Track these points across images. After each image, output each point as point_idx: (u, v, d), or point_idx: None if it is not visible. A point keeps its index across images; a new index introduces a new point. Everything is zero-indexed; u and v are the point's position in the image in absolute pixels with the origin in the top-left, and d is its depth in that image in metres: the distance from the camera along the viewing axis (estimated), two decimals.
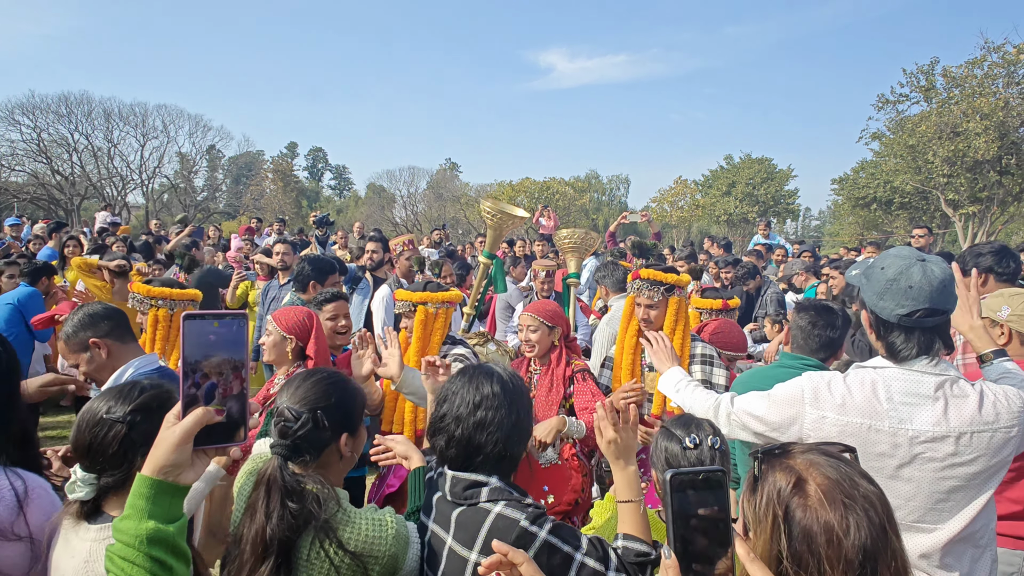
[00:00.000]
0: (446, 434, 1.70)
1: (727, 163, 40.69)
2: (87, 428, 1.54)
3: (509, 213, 4.19)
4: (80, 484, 1.51)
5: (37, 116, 32.26)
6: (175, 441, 1.00)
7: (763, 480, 1.10)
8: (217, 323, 1.05)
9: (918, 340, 1.78)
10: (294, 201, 43.67)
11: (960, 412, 1.74)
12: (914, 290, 1.75)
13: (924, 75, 20.91)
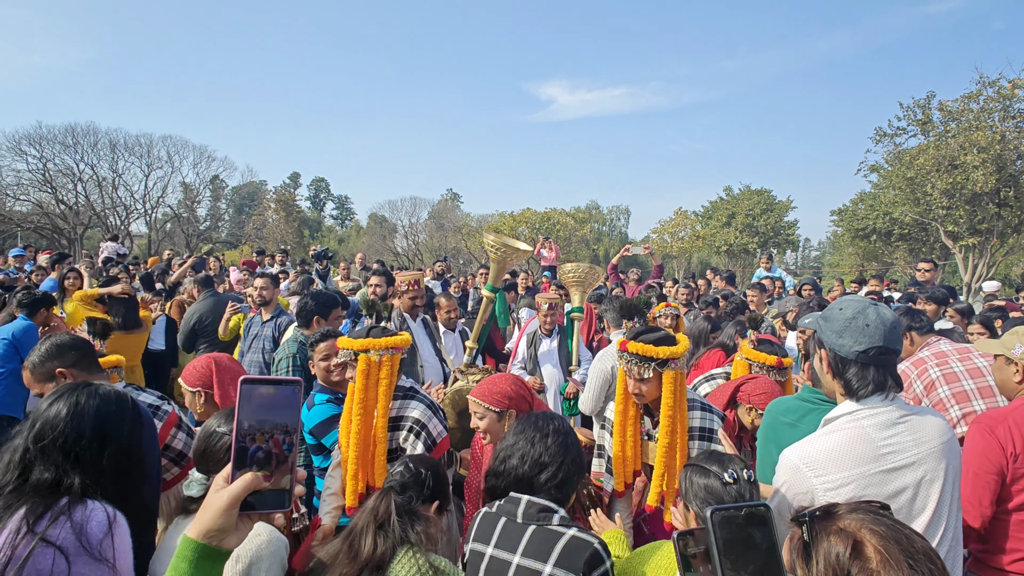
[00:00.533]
0: (519, 453, 2.00)
1: (727, 194, 40.99)
2: (203, 439, 1.93)
3: (512, 247, 4.18)
4: (195, 483, 1.86)
5: (44, 146, 32.66)
6: (222, 506, 0.99)
7: (816, 545, 1.07)
8: (273, 389, 1.05)
9: (873, 376, 1.89)
10: (296, 231, 43.86)
11: (925, 425, 1.89)
12: (870, 328, 1.88)
13: (920, 109, 21.14)
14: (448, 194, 54.33)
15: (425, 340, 4.88)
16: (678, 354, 2.78)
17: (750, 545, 0.88)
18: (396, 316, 4.90)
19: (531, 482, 1.97)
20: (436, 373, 4.70)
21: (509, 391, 2.86)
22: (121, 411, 1.86)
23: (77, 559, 1.56)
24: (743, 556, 0.87)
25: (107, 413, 1.80)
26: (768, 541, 0.89)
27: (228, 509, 0.99)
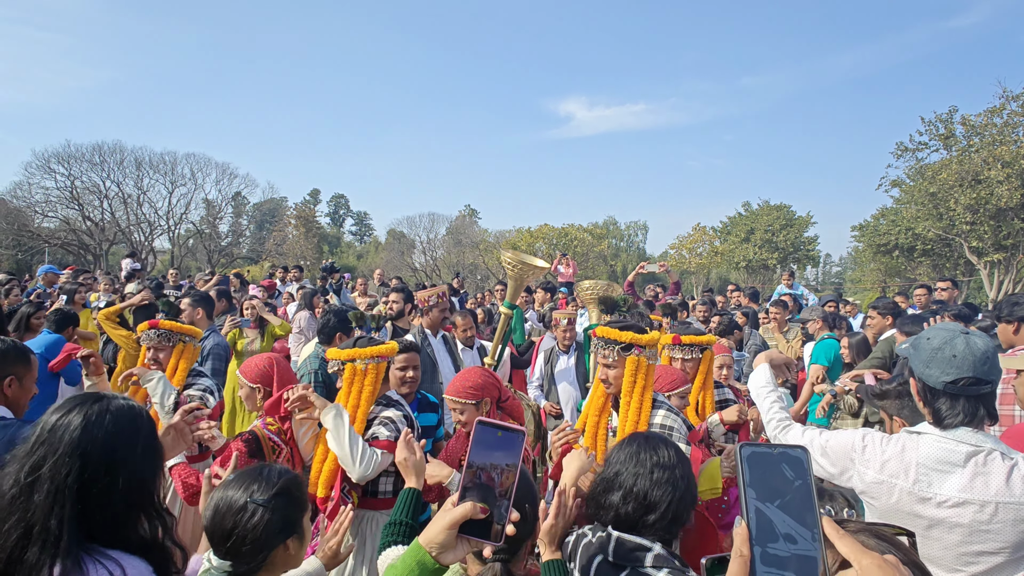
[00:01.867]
0: (622, 489, 1.79)
1: (745, 210, 40.74)
2: (229, 514, 1.55)
3: (530, 264, 4.21)
4: (215, 572, 1.53)
5: (72, 164, 33.48)
6: (447, 524, 1.13)
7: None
8: (501, 433, 1.18)
9: (963, 407, 1.88)
10: (316, 247, 44.35)
11: (987, 483, 1.81)
12: (958, 359, 1.86)
13: (943, 123, 20.95)
14: (466, 210, 54.71)
15: (445, 356, 4.92)
16: (641, 341, 2.90)
17: (782, 479, 0.87)
18: (417, 333, 4.94)
19: (635, 524, 1.77)
20: None
21: (479, 382, 3.10)
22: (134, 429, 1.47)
23: None
24: (772, 490, 0.86)
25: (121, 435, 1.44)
26: (802, 480, 0.87)
27: (449, 528, 1.13)
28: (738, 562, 0.83)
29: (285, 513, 1.60)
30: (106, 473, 1.39)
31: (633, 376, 2.89)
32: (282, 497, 1.61)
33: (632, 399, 2.88)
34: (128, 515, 1.43)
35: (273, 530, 1.57)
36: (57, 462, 1.36)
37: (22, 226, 31.61)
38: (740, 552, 0.83)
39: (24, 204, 32.79)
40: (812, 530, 0.84)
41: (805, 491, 0.87)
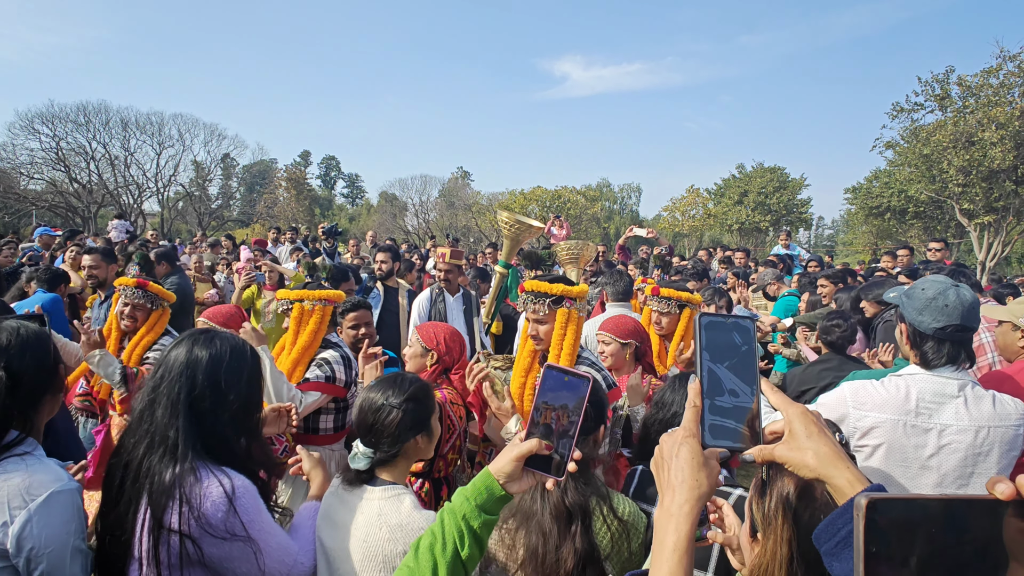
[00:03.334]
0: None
1: (739, 172, 40.57)
2: (370, 412, 1.88)
3: (526, 224, 4.23)
4: (360, 456, 1.85)
5: (56, 125, 32.83)
6: (513, 456, 1.24)
7: (771, 484, 1.18)
8: (567, 378, 1.26)
9: (948, 351, 2.14)
10: (307, 209, 44.00)
11: (979, 408, 2.12)
12: (949, 308, 2.09)
13: (939, 84, 20.75)
14: (459, 172, 54.21)
15: (458, 314, 4.98)
16: (572, 293, 2.90)
17: (731, 345, 1.00)
18: (436, 287, 4.95)
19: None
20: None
21: (441, 337, 3.08)
22: (240, 361, 1.75)
23: (203, 540, 1.55)
24: (722, 353, 1.00)
25: (225, 362, 1.71)
26: (747, 346, 1.01)
27: (516, 460, 1.23)
28: (692, 411, 0.96)
29: (415, 414, 1.89)
30: (212, 393, 1.66)
31: (563, 329, 2.88)
32: (412, 401, 1.91)
33: (561, 352, 2.87)
34: (235, 435, 1.70)
35: (405, 427, 1.87)
36: (171, 382, 1.65)
37: (8, 188, 31.11)
38: (693, 403, 0.97)
39: (9, 166, 32.21)
40: (752, 386, 0.99)
41: (750, 355, 1.01)
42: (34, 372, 1.66)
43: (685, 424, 0.96)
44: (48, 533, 1.51)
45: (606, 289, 4.89)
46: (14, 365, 1.62)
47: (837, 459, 0.91)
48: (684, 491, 0.91)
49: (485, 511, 1.25)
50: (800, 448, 0.93)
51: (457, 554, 1.24)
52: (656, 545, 0.90)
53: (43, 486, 1.54)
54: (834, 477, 0.90)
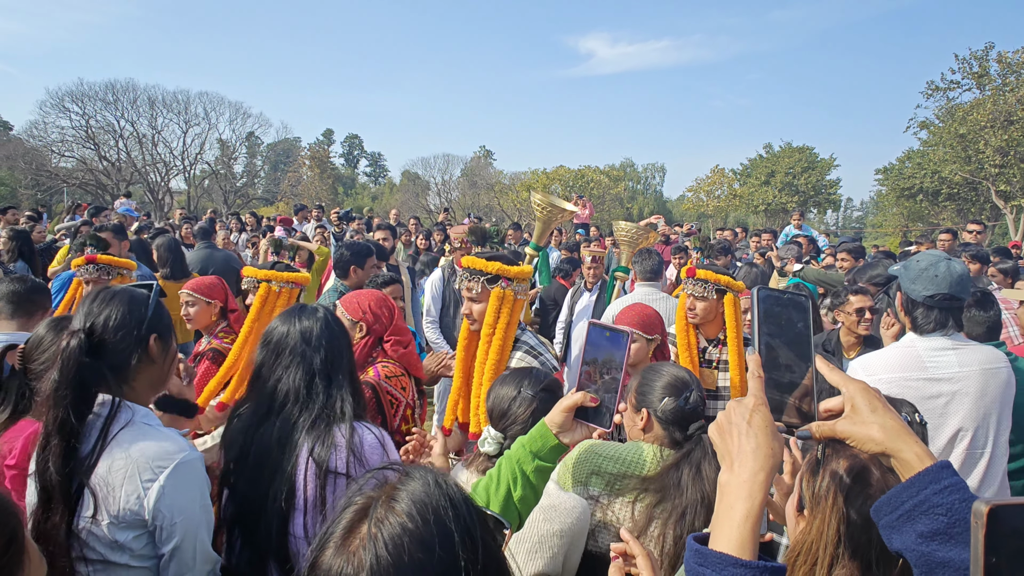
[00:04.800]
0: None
1: (766, 152, 39.82)
2: (504, 400, 1.95)
3: (559, 207, 4.21)
4: (491, 440, 1.91)
5: (85, 103, 33.31)
6: (563, 407, 1.34)
7: (826, 463, 1.17)
8: (608, 333, 1.35)
9: (935, 317, 2.37)
10: (330, 188, 44.26)
11: (973, 354, 2.38)
12: (939, 278, 2.31)
13: (978, 61, 20.10)
14: (481, 151, 54.01)
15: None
16: (509, 273, 2.77)
17: (788, 322, 1.01)
18: (447, 267, 4.98)
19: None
20: None
21: (367, 306, 2.85)
22: (340, 326, 1.98)
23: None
24: (779, 329, 1.00)
25: (337, 332, 1.94)
26: (803, 323, 1.01)
27: (566, 410, 1.33)
28: (756, 381, 0.96)
29: (547, 405, 1.86)
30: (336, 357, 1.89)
31: (497, 310, 2.74)
32: (546, 392, 1.96)
33: (495, 335, 2.73)
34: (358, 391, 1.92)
35: (537, 417, 1.85)
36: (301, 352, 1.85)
37: (40, 166, 31.75)
38: (756, 373, 0.96)
39: (41, 143, 32.85)
40: (807, 363, 0.99)
41: (805, 332, 1.01)
42: (119, 338, 1.63)
43: (754, 392, 0.95)
44: (180, 502, 1.55)
45: (635, 267, 4.87)
46: (97, 328, 1.62)
47: (905, 432, 0.91)
48: (760, 458, 0.88)
49: (539, 457, 1.35)
50: (865, 422, 0.92)
51: (510, 494, 1.33)
52: (723, 512, 0.87)
53: (169, 456, 1.56)
54: (902, 451, 0.89)
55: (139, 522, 1.53)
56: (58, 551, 1.50)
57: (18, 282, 2.68)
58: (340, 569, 0.81)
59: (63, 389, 1.52)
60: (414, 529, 0.82)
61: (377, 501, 0.87)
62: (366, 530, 0.83)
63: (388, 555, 0.80)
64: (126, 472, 1.53)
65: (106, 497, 1.52)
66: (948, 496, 0.84)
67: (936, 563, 0.83)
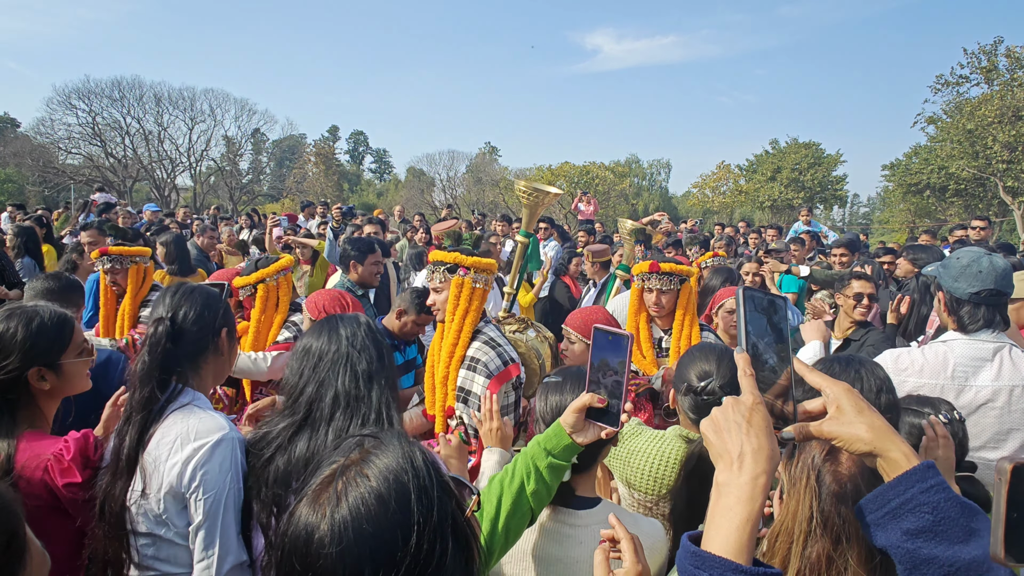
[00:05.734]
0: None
1: (773, 148, 39.65)
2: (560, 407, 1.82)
3: (543, 190, 4.23)
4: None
5: (92, 100, 33.50)
6: (574, 408, 1.42)
7: (801, 448, 1.21)
8: (611, 337, 1.42)
9: (984, 314, 2.29)
10: (336, 184, 44.35)
11: (1014, 370, 2.27)
12: (983, 274, 2.25)
13: (986, 55, 19.95)
14: (486, 148, 53.91)
15: None
16: (466, 262, 2.83)
17: (769, 322, 1.02)
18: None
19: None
20: None
21: (322, 305, 3.14)
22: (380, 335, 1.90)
23: None
24: (762, 328, 1.01)
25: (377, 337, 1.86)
26: (782, 323, 1.03)
27: (576, 411, 1.41)
28: (749, 380, 0.94)
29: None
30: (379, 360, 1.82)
31: (456, 298, 2.80)
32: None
33: (453, 322, 2.78)
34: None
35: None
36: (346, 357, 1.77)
37: (47, 163, 31.93)
38: (746, 372, 0.95)
39: (48, 140, 33.04)
40: (786, 363, 1.00)
41: (784, 332, 1.02)
42: (196, 329, 1.75)
43: (751, 390, 0.93)
44: (211, 478, 1.59)
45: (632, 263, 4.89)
46: (179, 318, 1.73)
47: (892, 432, 0.92)
48: (762, 460, 0.86)
49: (553, 455, 1.41)
50: (852, 423, 0.93)
51: (523, 487, 1.39)
52: (722, 513, 0.85)
53: (210, 432, 1.62)
54: (889, 450, 0.90)
55: (180, 496, 1.59)
56: (115, 522, 1.59)
57: (53, 279, 2.70)
58: (307, 518, 0.92)
59: (153, 369, 1.64)
60: (375, 487, 0.93)
61: (349, 463, 0.97)
62: (334, 487, 0.93)
63: (347, 508, 0.91)
64: (171, 447, 1.60)
65: (153, 472, 1.59)
66: (934, 495, 0.86)
67: (921, 560, 0.85)
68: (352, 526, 0.90)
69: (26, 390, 1.77)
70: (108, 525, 1.59)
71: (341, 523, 0.90)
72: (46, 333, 1.80)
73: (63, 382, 1.83)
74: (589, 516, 1.64)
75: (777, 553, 1.21)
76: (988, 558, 0.81)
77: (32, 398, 1.80)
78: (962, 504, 0.87)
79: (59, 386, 1.83)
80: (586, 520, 1.63)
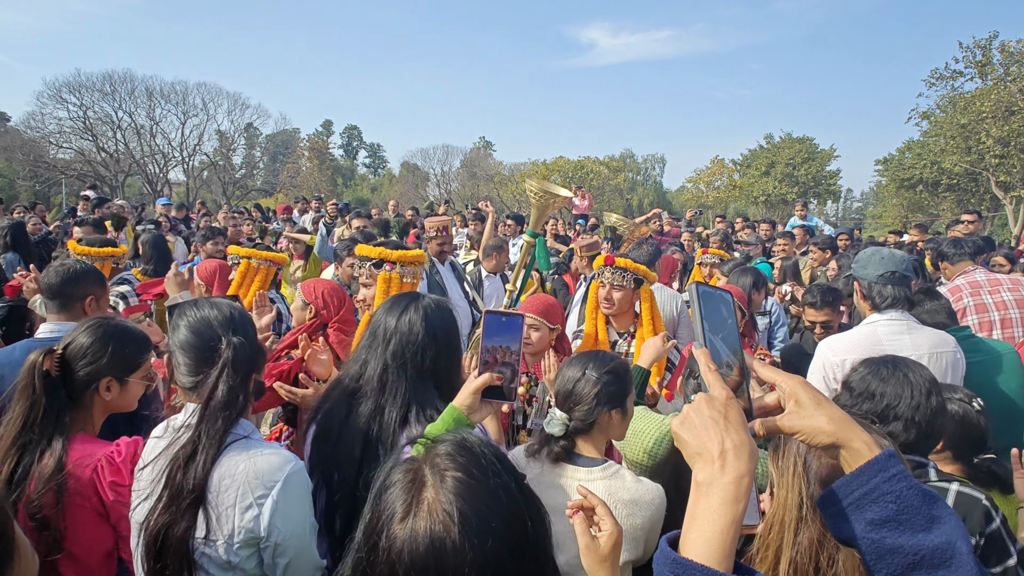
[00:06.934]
0: (902, 420, 1.79)
1: (767, 142, 39.70)
2: (570, 380, 1.96)
3: (553, 192, 4.19)
4: (556, 420, 1.92)
5: (83, 94, 33.17)
6: (472, 389, 1.50)
7: (787, 442, 1.27)
8: (505, 319, 1.51)
9: (891, 292, 2.68)
10: (329, 179, 44.14)
11: (924, 337, 2.66)
12: (885, 260, 2.71)
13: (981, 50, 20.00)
14: (480, 142, 53.81)
15: (454, 283, 5.03)
16: (391, 256, 2.89)
17: (720, 316, 1.02)
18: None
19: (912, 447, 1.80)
20: (465, 315, 4.83)
21: (320, 292, 3.05)
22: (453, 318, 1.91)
23: None
24: (717, 324, 1.01)
25: (450, 321, 1.88)
26: (732, 317, 1.04)
27: (474, 392, 1.50)
28: (715, 375, 0.92)
29: (612, 388, 1.93)
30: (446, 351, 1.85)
31: (385, 294, 2.81)
32: (611, 375, 1.95)
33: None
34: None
35: (601, 399, 1.91)
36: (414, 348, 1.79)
37: (38, 157, 31.63)
38: (710, 367, 0.93)
39: (39, 135, 32.72)
40: (738, 358, 1.00)
41: (735, 327, 1.04)
42: (252, 346, 1.62)
43: (721, 386, 0.90)
44: (291, 518, 1.50)
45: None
46: (240, 335, 1.59)
47: (851, 422, 0.92)
48: (744, 457, 0.83)
49: None
50: (812, 416, 0.92)
51: None
52: (704, 514, 0.81)
53: (277, 470, 1.50)
54: (852, 440, 0.90)
55: (254, 540, 1.49)
56: (181, 567, 1.46)
57: (53, 274, 2.63)
58: (427, 528, 0.87)
59: (235, 396, 1.53)
60: (473, 482, 0.92)
61: (423, 469, 0.95)
62: (432, 494, 0.90)
63: (468, 509, 0.88)
64: (239, 490, 1.47)
65: (221, 518, 1.46)
66: (897, 484, 0.86)
67: (886, 549, 0.85)
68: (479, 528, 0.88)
69: (90, 396, 1.84)
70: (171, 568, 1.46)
71: (470, 524, 0.87)
72: (131, 349, 1.90)
73: (121, 398, 1.91)
74: (591, 472, 1.88)
75: (772, 545, 1.23)
76: (951, 545, 0.83)
77: (91, 405, 1.87)
78: (924, 492, 0.87)
79: (116, 400, 1.90)
80: (592, 475, 1.87)
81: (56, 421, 1.73)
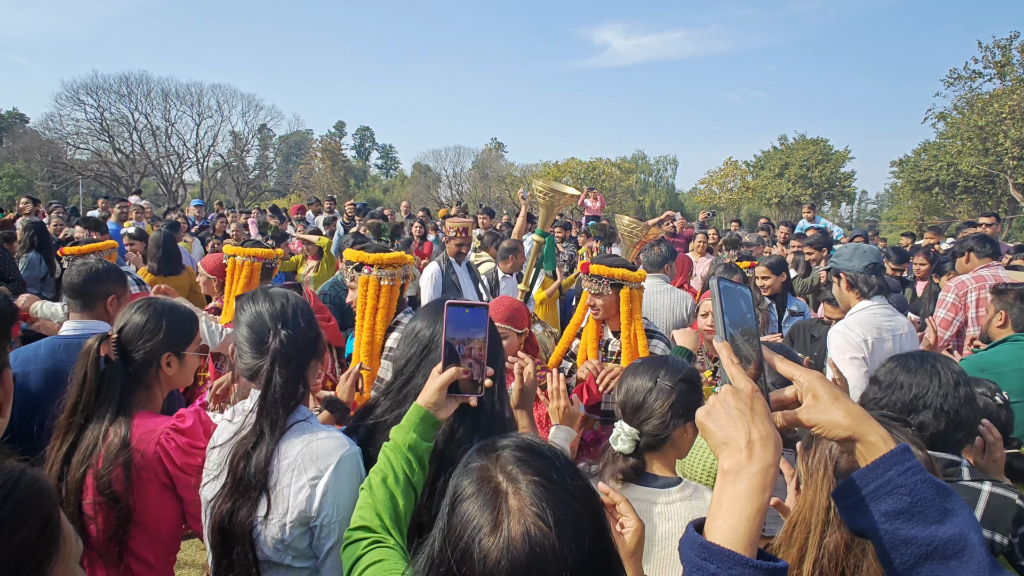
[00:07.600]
0: (931, 409, 1.77)
1: (781, 144, 39.46)
2: (640, 392, 1.77)
3: (560, 191, 4.20)
4: (625, 436, 1.75)
5: (100, 96, 33.64)
6: (437, 386, 1.43)
7: (817, 441, 1.25)
8: (468, 310, 1.45)
9: (876, 281, 3.03)
10: (342, 180, 44.37)
11: (904, 319, 3.08)
12: (867, 252, 3.05)
13: (1001, 50, 19.74)
14: (492, 143, 53.93)
15: (470, 283, 5.05)
16: (368, 259, 2.95)
17: (740, 310, 1.02)
18: (443, 259, 5.03)
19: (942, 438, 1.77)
20: None
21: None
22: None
23: None
24: (737, 319, 1.01)
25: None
26: (751, 312, 1.05)
27: (440, 389, 1.42)
28: (738, 368, 0.94)
29: (687, 398, 1.74)
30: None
31: (364, 296, 2.91)
32: (686, 383, 1.76)
33: (364, 319, 2.89)
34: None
35: (676, 411, 1.72)
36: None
37: (56, 158, 32.10)
38: (732, 360, 0.95)
39: (56, 136, 33.20)
40: (756, 353, 1.00)
41: (754, 322, 1.04)
42: (305, 336, 1.64)
43: (745, 378, 0.92)
44: (342, 500, 1.52)
45: (641, 259, 4.83)
46: (290, 328, 1.61)
47: (868, 417, 0.94)
48: (770, 448, 0.86)
49: (425, 439, 1.41)
50: (829, 410, 0.94)
51: (408, 481, 1.37)
52: (730, 502, 0.84)
53: (331, 452, 1.53)
54: (868, 434, 0.92)
55: (306, 520, 1.51)
56: (245, 549, 1.51)
57: (75, 273, 2.65)
58: (523, 535, 0.86)
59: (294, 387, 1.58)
60: (555, 486, 0.91)
61: (496, 476, 0.93)
62: (516, 502, 0.89)
63: (556, 510, 0.88)
64: (294, 470, 1.51)
65: (277, 497, 1.51)
66: (911, 477, 0.88)
67: (899, 540, 0.88)
68: (573, 531, 0.87)
69: (154, 373, 1.90)
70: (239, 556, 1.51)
71: (564, 528, 0.87)
72: (183, 323, 1.95)
73: (180, 372, 1.97)
74: (669, 494, 1.70)
75: (795, 543, 1.24)
76: (963, 536, 0.85)
77: (154, 382, 1.93)
78: (937, 485, 0.89)
79: (177, 375, 1.96)
80: (671, 497, 1.70)
81: (120, 402, 1.79)
